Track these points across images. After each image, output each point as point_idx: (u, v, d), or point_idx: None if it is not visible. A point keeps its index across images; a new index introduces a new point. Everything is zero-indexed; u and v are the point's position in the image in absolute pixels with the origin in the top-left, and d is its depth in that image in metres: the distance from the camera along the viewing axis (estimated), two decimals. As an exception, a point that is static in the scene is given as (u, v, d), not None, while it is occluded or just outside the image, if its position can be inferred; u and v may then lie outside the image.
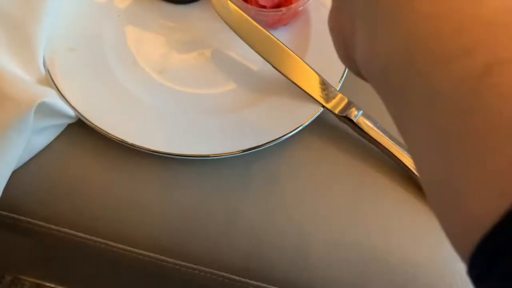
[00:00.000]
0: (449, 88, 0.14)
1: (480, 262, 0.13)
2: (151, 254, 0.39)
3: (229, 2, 0.42)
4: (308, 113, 0.40)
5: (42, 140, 0.39)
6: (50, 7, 0.41)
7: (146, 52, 0.43)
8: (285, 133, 0.39)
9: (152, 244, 0.39)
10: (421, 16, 0.16)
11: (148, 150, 0.38)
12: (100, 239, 0.40)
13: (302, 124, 0.39)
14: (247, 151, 0.39)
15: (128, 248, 0.39)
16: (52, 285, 0.75)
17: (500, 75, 0.13)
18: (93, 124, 0.38)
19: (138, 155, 0.39)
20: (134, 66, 0.43)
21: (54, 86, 0.39)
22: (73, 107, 0.39)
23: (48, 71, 0.40)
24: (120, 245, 0.39)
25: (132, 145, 0.38)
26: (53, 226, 0.40)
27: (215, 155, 0.38)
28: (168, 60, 0.43)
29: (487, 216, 0.13)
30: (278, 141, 0.39)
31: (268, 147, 0.39)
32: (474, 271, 0.14)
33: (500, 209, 0.12)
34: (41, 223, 0.40)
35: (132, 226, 0.39)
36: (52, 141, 0.40)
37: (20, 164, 0.38)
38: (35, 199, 0.39)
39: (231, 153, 0.39)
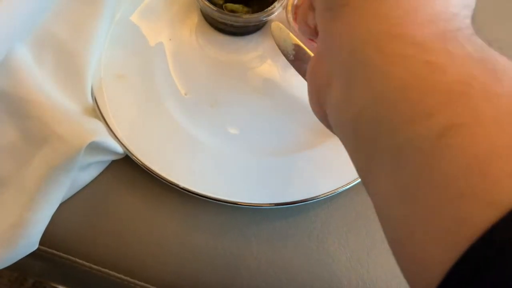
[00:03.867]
0: (411, 146, 0.16)
1: None
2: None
3: (291, 35, 0.39)
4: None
5: (86, 176, 0.36)
6: (100, 32, 0.38)
7: (197, 83, 0.41)
8: (341, 185, 0.37)
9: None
10: (392, 79, 0.17)
11: (201, 196, 0.35)
12: (142, 283, 0.37)
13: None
14: (299, 202, 0.36)
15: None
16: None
17: (452, 138, 0.15)
18: (143, 164, 0.36)
19: (187, 197, 0.36)
20: (185, 97, 0.40)
21: (101, 117, 0.37)
22: (122, 144, 0.36)
23: (95, 100, 0.37)
24: (162, 290, 0.37)
25: (183, 189, 0.36)
26: (93, 266, 0.37)
27: (271, 205, 0.36)
28: (221, 93, 0.40)
29: (440, 268, 0.14)
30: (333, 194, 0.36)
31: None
32: None
33: (449, 262, 0.14)
34: (81, 261, 0.38)
35: (176, 272, 0.37)
36: (96, 176, 0.37)
37: (63, 200, 0.36)
38: (75, 236, 0.37)
39: (286, 203, 0.36)
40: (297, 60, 0.39)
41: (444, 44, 0.17)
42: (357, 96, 0.19)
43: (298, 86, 0.40)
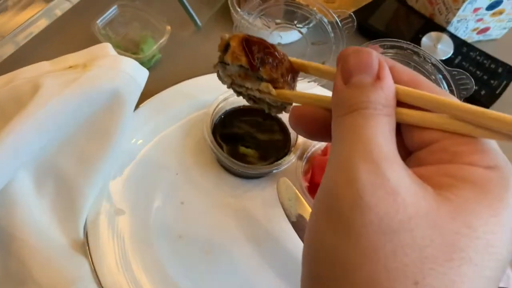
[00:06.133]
0: None
1: None
2: None
3: (297, 195, 0.38)
4: None
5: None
6: (103, 168, 0.37)
7: (195, 226, 0.39)
8: None
9: None
10: None
11: None
12: None
13: None
14: None
15: None
16: None
17: None
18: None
19: None
20: (179, 239, 0.38)
21: (89, 254, 0.36)
22: (103, 291, 0.35)
23: (87, 236, 0.36)
24: None
25: None
26: None
27: None
28: (217, 239, 0.39)
29: None
30: None
31: None
32: None
33: None
34: None
35: None
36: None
37: None
38: None
39: None
40: (299, 226, 0.37)
41: None
42: None
43: (299, 244, 0.38)
